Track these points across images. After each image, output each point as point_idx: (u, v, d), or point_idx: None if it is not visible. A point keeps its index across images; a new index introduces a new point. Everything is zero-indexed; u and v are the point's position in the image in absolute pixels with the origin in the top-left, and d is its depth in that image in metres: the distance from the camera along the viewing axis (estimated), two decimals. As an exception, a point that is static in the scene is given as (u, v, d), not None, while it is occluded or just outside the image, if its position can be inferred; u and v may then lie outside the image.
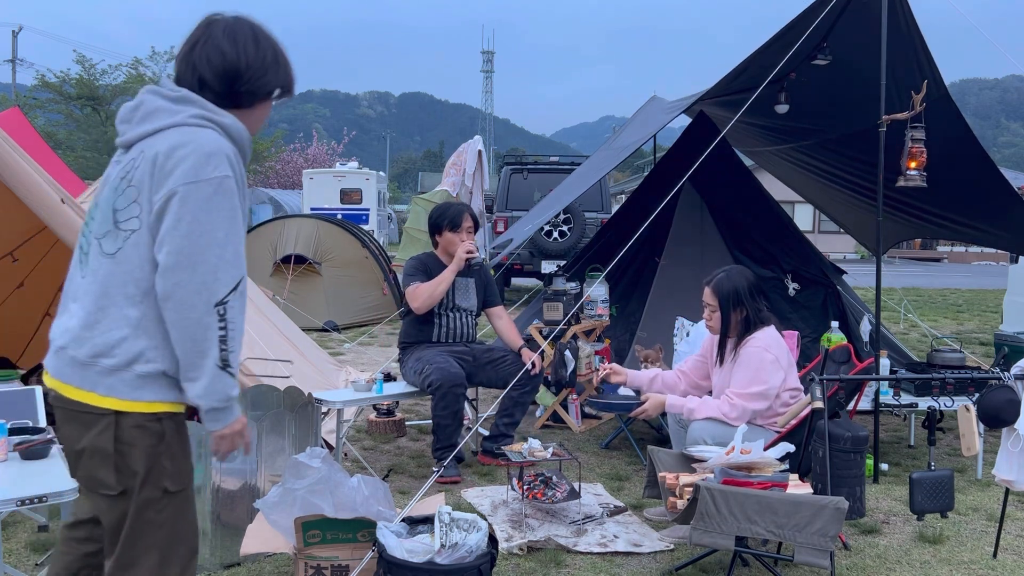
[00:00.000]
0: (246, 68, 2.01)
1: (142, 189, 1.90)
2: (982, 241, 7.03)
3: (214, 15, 2.04)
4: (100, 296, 1.92)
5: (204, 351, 1.88)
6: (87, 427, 1.92)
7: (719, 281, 3.84)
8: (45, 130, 27.48)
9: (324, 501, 2.94)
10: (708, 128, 6.53)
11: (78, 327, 1.94)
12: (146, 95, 2.00)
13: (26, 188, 4.03)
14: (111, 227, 1.94)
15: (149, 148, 1.91)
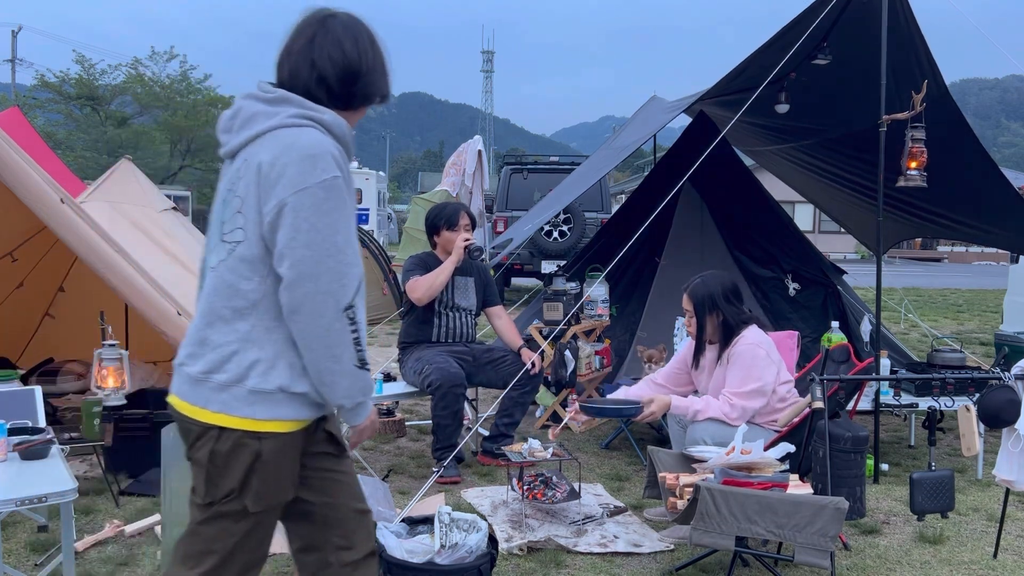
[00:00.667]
0: (366, 70, 1.95)
1: (247, 199, 1.85)
2: (982, 241, 7.04)
3: (327, 11, 1.95)
4: (207, 312, 1.90)
5: (339, 356, 1.84)
6: (195, 439, 1.91)
7: (695, 287, 3.89)
8: (45, 130, 27.47)
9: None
10: (708, 128, 6.53)
11: (190, 344, 1.93)
12: (243, 101, 1.94)
13: (26, 188, 4.03)
14: (217, 241, 1.91)
15: (252, 157, 1.86)
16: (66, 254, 5.81)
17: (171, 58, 31.88)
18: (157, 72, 31.57)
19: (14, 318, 6.17)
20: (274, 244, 1.82)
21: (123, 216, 4.98)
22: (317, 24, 1.92)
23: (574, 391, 5.60)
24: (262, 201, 1.83)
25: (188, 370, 1.92)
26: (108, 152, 28.03)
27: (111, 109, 31.17)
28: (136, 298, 4.26)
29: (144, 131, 30.81)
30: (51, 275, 6.29)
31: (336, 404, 1.91)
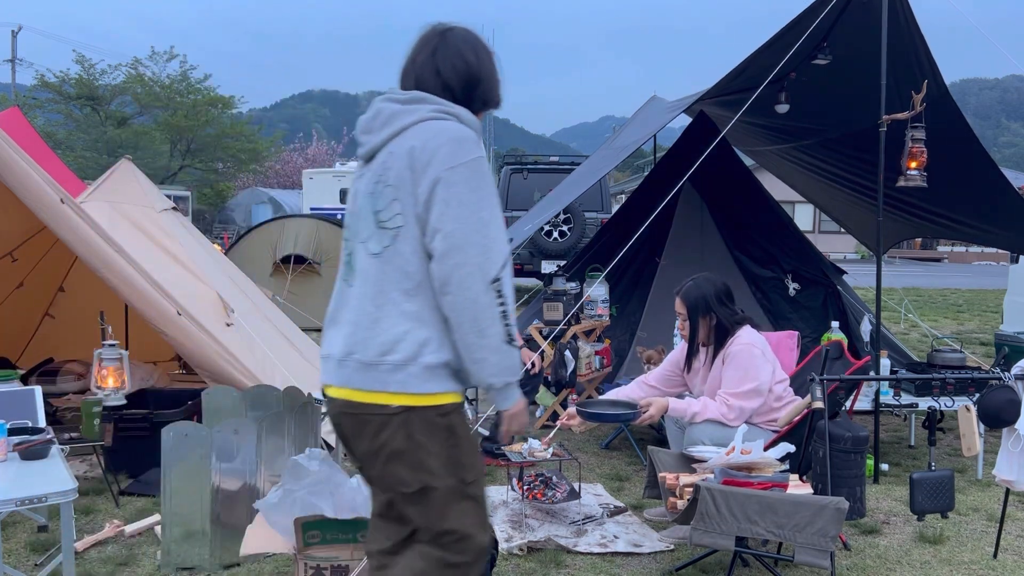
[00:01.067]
0: (484, 77, 2.09)
1: (401, 186, 1.94)
2: (982, 241, 7.03)
3: (446, 25, 2.11)
4: (376, 296, 1.97)
5: (486, 330, 1.90)
6: (380, 428, 1.96)
7: (687, 290, 3.88)
8: (45, 130, 27.48)
9: (324, 502, 2.94)
10: (708, 128, 6.53)
11: (358, 331, 1.98)
12: (381, 103, 2.06)
13: (26, 188, 4.03)
14: (374, 229, 1.99)
15: (398, 147, 1.97)
16: (66, 254, 5.82)
17: (171, 58, 31.89)
18: (157, 72, 31.58)
19: (14, 318, 6.17)
20: (427, 221, 1.92)
21: (123, 216, 4.98)
22: (438, 37, 2.08)
23: (574, 391, 5.60)
24: (416, 183, 1.93)
25: (358, 357, 1.96)
26: (108, 152, 28.03)
27: (111, 109, 31.15)
28: (136, 298, 4.26)
29: (144, 131, 30.81)
30: (51, 275, 6.29)
31: (486, 384, 1.96)
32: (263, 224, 11.01)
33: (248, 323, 4.93)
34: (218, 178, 34.37)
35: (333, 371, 2.03)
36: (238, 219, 26.93)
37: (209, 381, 4.36)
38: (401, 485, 1.98)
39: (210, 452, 3.28)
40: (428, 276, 1.94)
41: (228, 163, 33.34)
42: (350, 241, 2.08)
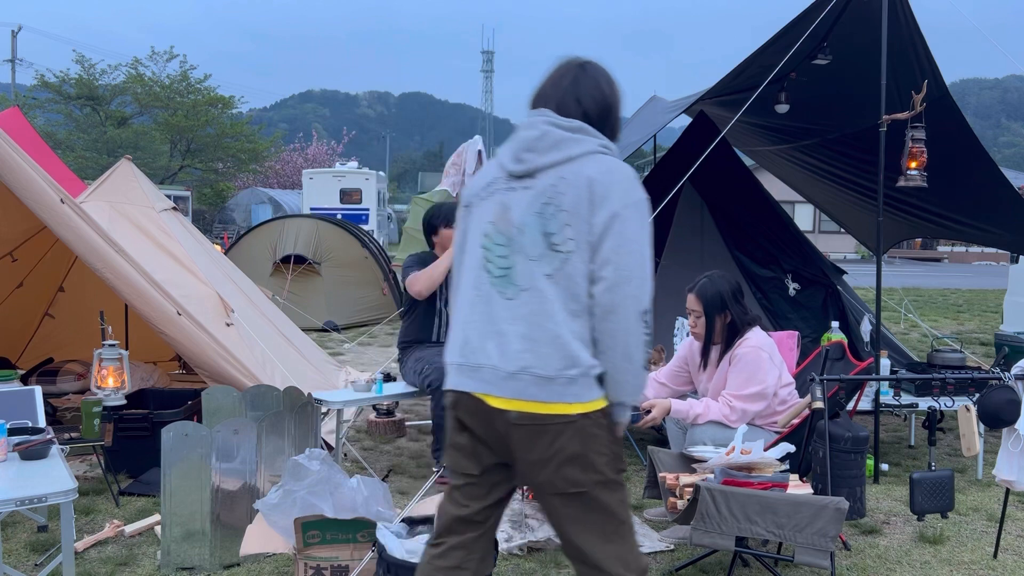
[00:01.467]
0: (615, 107, 2.27)
1: (577, 212, 2.08)
2: (982, 241, 7.03)
3: (582, 59, 2.28)
4: (553, 314, 2.10)
5: (633, 356, 2.09)
6: (558, 435, 2.09)
7: (702, 287, 3.85)
8: (45, 130, 27.47)
9: (324, 502, 2.94)
10: (708, 128, 6.53)
11: (537, 347, 2.09)
12: (545, 126, 2.17)
13: (26, 188, 4.03)
14: (545, 250, 2.11)
15: (573, 175, 2.10)
16: (66, 254, 5.82)
17: (171, 58, 31.89)
18: (157, 72, 31.57)
19: (14, 318, 6.17)
20: (598, 250, 2.08)
21: (123, 216, 4.98)
22: (577, 68, 2.25)
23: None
24: (592, 212, 2.08)
25: (537, 372, 2.09)
26: (108, 152, 28.02)
27: (111, 109, 31.15)
28: (136, 298, 4.26)
29: (144, 131, 30.82)
30: (51, 275, 6.30)
31: (619, 400, 2.13)
32: (263, 224, 11.01)
33: (248, 323, 4.94)
34: (218, 178, 34.37)
35: (499, 382, 2.12)
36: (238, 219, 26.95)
37: (209, 381, 4.36)
38: (574, 486, 2.11)
39: (210, 452, 3.28)
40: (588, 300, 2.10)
41: (228, 163, 33.33)
42: (508, 256, 2.15)
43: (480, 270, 2.20)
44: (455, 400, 2.22)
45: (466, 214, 2.29)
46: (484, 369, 2.15)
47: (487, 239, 2.20)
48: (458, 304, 2.25)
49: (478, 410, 2.16)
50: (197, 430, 3.29)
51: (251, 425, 3.40)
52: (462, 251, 2.29)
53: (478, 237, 2.22)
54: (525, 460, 2.14)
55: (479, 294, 2.19)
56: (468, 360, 2.18)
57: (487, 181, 2.24)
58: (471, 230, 2.26)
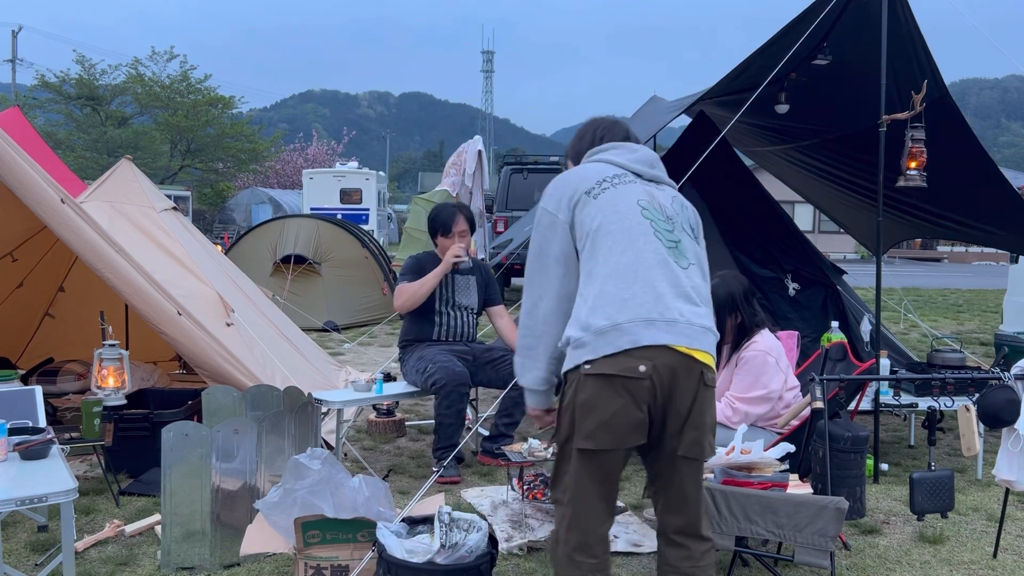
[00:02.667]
0: None
1: (699, 226, 2.57)
2: (982, 241, 7.03)
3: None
4: (706, 290, 2.43)
5: None
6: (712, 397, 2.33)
7: (714, 287, 3.82)
8: (45, 130, 27.48)
9: (324, 502, 2.94)
10: (708, 128, 6.52)
11: (709, 313, 2.38)
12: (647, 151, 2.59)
13: (26, 188, 4.03)
14: (696, 237, 2.51)
15: (685, 199, 2.58)
16: (66, 254, 5.82)
17: (171, 58, 31.91)
18: (157, 72, 31.60)
19: (14, 318, 6.17)
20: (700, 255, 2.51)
21: (123, 216, 4.98)
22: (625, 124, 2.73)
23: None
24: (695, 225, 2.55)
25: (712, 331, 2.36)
26: (108, 152, 28.03)
27: (111, 109, 31.17)
28: (136, 298, 4.26)
29: (144, 131, 30.83)
30: (51, 275, 6.30)
31: None
32: (263, 224, 11.00)
33: (248, 323, 4.94)
34: (218, 178, 34.37)
35: (699, 336, 2.29)
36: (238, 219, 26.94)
37: (209, 381, 4.36)
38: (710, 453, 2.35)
39: (210, 452, 3.28)
40: None
41: (228, 163, 33.34)
42: (674, 231, 2.42)
43: (651, 237, 2.36)
44: (649, 356, 2.21)
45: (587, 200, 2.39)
46: (679, 324, 2.26)
47: (647, 212, 2.40)
48: (635, 264, 2.30)
49: (675, 364, 2.22)
50: (197, 430, 3.29)
51: (251, 425, 3.40)
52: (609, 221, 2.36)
53: (634, 209, 2.38)
54: (694, 421, 2.26)
55: (659, 258, 2.34)
56: (663, 316, 2.25)
57: (610, 174, 2.46)
58: (618, 204, 2.38)
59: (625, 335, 2.21)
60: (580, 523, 2.29)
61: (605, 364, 2.21)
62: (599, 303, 2.26)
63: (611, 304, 2.25)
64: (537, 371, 2.46)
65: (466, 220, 4.79)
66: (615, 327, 2.22)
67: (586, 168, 2.51)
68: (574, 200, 2.39)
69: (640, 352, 2.20)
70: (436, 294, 4.77)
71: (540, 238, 2.43)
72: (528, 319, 2.45)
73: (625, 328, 2.22)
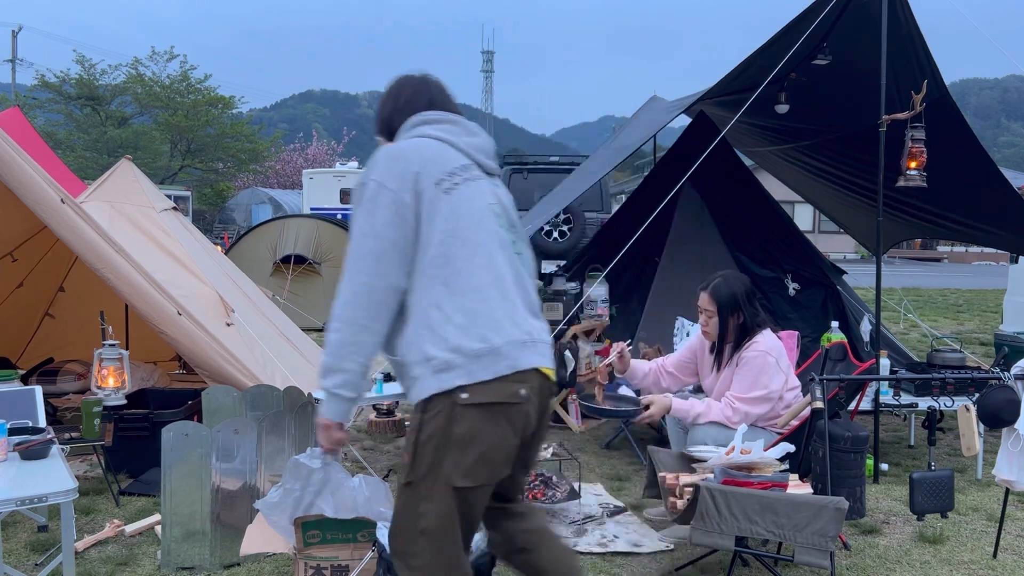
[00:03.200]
0: None
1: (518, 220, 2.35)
2: (982, 241, 7.03)
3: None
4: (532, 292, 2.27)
5: None
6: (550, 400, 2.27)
7: (716, 286, 3.82)
8: (45, 130, 27.48)
9: (325, 502, 2.94)
10: (708, 128, 6.53)
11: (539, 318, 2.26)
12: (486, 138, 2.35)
13: (26, 188, 4.03)
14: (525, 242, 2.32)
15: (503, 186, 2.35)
16: (66, 254, 5.82)
17: (171, 58, 31.90)
18: (157, 72, 31.59)
19: (14, 318, 6.17)
20: None
21: (123, 216, 4.98)
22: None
23: (574, 391, 5.60)
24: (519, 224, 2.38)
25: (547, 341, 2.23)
26: (108, 152, 28.03)
27: (111, 109, 31.16)
28: (136, 298, 4.26)
29: (144, 131, 30.83)
30: (51, 275, 6.30)
31: None
32: (263, 224, 11.00)
33: (248, 323, 4.93)
34: (218, 178, 34.36)
35: (547, 353, 2.19)
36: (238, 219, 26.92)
37: (209, 381, 4.36)
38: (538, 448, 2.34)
39: (210, 452, 3.28)
40: None
41: (228, 163, 33.34)
42: (516, 241, 2.25)
43: (508, 250, 2.19)
44: (526, 379, 2.06)
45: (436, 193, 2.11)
46: (539, 344, 2.14)
47: (500, 220, 2.19)
48: (498, 281, 2.11)
49: (543, 387, 2.14)
50: (197, 430, 3.29)
51: (251, 425, 3.40)
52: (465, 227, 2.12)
53: (488, 216, 2.16)
54: (540, 437, 2.25)
55: (514, 273, 2.19)
56: (529, 335, 2.11)
57: (457, 164, 2.18)
58: (473, 207, 2.14)
59: (503, 359, 2.03)
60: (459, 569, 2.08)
61: (484, 391, 2.00)
62: (470, 322, 2.03)
63: (484, 324, 2.04)
64: (348, 374, 2.07)
65: None
66: (493, 351, 2.02)
67: (426, 147, 2.18)
68: (420, 186, 2.10)
69: (519, 376, 2.04)
70: None
71: (376, 217, 2.08)
72: (349, 309, 2.05)
73: (503, 352, 2.03)
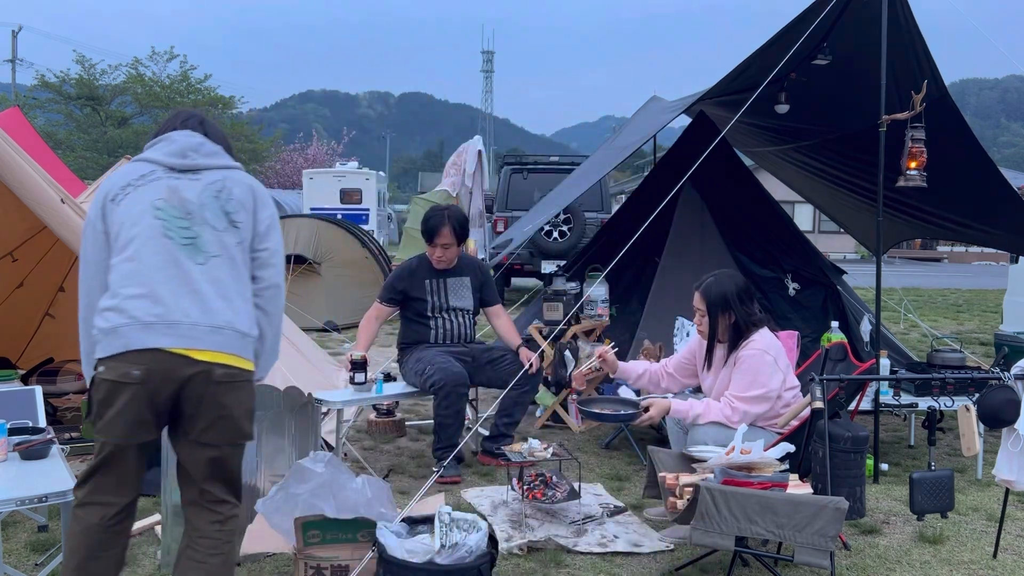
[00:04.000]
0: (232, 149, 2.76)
1: (246, 206, 2.54)
2: (982, 241, 7.03)
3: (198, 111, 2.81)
4: (234, 281, 2.49)
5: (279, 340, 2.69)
6: (242, 390, 2.46)
7: (708, 286, 3.82)
8: (45, 130, 27.46)
9: (326, 503, 2.94)
10: (708, 128, 6.53)
11: (233, 305, 2.45)
12: (203, 139, 2.61)
13: (26, 188, 4.03)
14: (228, 226, 2.50)
15: (235, 177, 2.57)
16: (66, 254, 5.81)
17: (171, 58, 31.93)
18: (157, 72, 31.61)
19: (14, 318, 6.17)
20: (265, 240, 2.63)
21: (123, 216, 4.98)
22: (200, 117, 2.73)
23: (574, 391, 5.60)
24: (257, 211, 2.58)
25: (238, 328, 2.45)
26: (108, 152, 28.04)
27: (111, 109, 31.17)
28: (136, 298, 4.25)
29: (144, 131, 30.78)
30: (51, 275, 6.29)
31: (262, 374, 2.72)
32: (263, 224, 10.99)
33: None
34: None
35: (203, 336, 2.37)
36: (238, 219, 26.89)
37: (209, 381, 4.36)
38: (242, 437, 2.48)
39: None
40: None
41: (228, 163, 33.29)
42: (191, 227, 2.45)
43: (161, 238, 2.42)
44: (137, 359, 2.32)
45: (112, 207, 2.47)
46: (182, 325, 2.35)
47: (160, 212, 2.44)
48: (137, 269, 2.39)
49: (170, 367, 2.34)
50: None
51: (251, 425, 3.40)
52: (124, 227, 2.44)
53: (147, 211, 2.44)
54: (211, 414, 2.39)
55: (166, 259, 2.40)
56: (162, 318, 2.35)
57: (137, 175, 2.50)
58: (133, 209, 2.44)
59: (120, 339, 2.34)
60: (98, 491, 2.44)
61: (108, 367, 2.36)
62: (108, 307, 2.40)
63: (114, 307, 2.38)
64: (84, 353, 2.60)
65: (452, 232, 4.70)
66: (114, 330, 2.36)
67: (121, 171, 2.58)
68: (102, 207, 2.49)
69: (134, 356, 2.32)
70: (428, 301, 4.79)
71: (85, 243, 2.54)
72: (80, 312, 2.63)
73: (121, 332, 2.34)
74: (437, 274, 4.81)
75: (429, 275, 4.80)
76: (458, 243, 4.78)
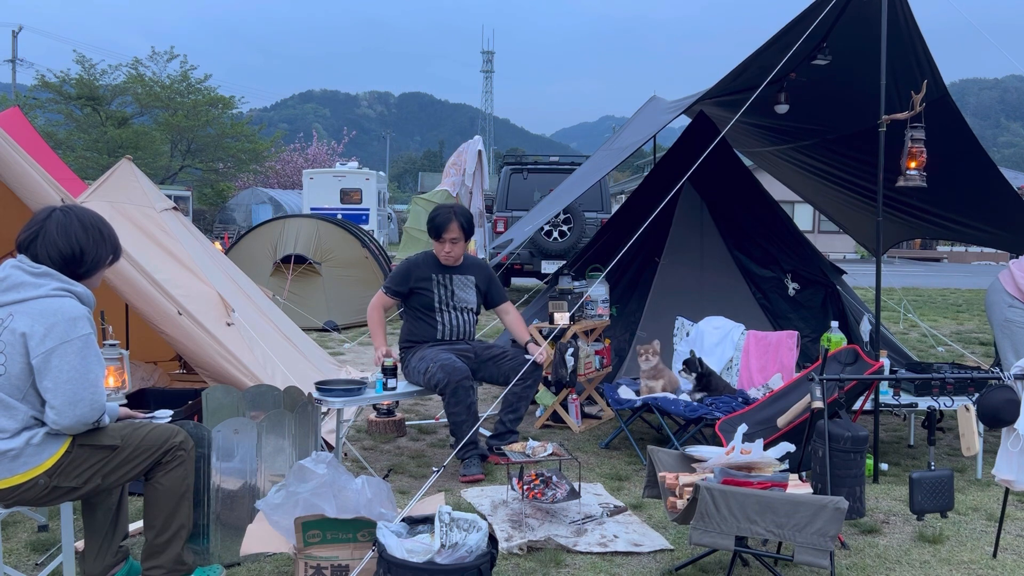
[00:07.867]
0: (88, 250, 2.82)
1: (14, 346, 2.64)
2: (982, 241, 7.03)
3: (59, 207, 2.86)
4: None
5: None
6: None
7: None
8: (45, 130, 27.46)
9: (327, 503, 2.94)
10: (708, 128, 6.53)
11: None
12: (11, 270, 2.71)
13: (26, 188, 4.03)
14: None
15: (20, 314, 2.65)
16: (66, 254, 5.79)
17: (171, 58, 31.91)
18: (157, 72, 31.59)
19: (14, 318, 6.15)
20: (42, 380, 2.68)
21: (123, 216, 4.98)
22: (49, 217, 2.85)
23: (574, 391, 5.60)
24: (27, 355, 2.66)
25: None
26: (108, 152, 28.03)
27: (111, 109, 31.14)
28: (136, 298, 4.26)
29: (144, 131, 30.82)
30: (51, 275, 6.28)
31: None
32: (263, 224, 11.01)
33: (248, 323, 4.94)
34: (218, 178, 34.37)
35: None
36: (238, 219, 26.96)
37: (209, 381, 4.36)
38: None
39: (210, 452, 3.28)
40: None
41: (228, 163, 33.34)
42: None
43: None
44: None
45: None
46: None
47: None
48: None
49: None
50: (197, 430, 3.29)
51: (251, 425, 3.41)
52: None
53: None
54: None
55: None
56: None
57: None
58: None
59: None
60: None
61: None
62: None
63: None
64: None
65: (460, 227, 4.76)
66: None
67: None
68: None
69: None
70: (435, 295, 4.81)
71: None
72: None
73: None
74: (443, 269, 4.84)
75: (435, 270, 4.83)
76: (465, 239, 4.82)
